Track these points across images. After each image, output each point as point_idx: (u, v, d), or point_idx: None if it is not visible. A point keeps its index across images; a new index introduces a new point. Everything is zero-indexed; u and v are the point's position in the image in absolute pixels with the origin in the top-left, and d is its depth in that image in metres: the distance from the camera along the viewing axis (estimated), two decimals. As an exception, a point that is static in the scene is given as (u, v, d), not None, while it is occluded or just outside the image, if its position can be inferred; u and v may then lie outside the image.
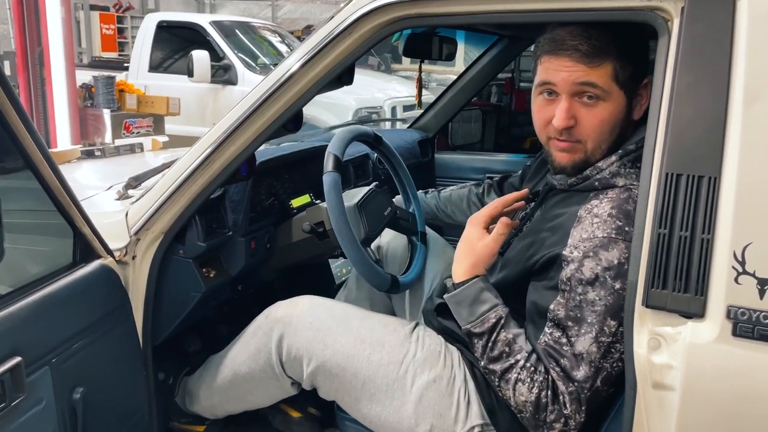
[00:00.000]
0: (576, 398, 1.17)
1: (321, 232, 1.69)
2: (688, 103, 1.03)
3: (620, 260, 1.14)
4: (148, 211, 1.45)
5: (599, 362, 1.15)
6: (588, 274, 1.15)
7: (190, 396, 1.69)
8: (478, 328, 1.25)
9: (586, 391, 1.16)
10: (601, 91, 1.20)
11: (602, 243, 1.15)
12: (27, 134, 1.09)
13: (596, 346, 1.15)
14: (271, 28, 7.94)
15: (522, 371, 1.20)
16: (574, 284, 1.16)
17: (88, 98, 4.84)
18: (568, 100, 1.22)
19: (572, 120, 1.23)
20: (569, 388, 1.17)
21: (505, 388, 1.23)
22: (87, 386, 1.25)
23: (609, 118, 1.23)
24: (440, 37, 2.11)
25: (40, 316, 1.15)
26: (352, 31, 1.30)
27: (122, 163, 2.48)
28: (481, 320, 1.25)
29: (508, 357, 1.22)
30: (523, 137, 5.95)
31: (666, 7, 1.07)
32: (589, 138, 1.24)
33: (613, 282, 1.14)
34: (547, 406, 1.18)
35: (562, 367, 1.18)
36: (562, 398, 1.17)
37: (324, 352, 1.40)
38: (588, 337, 1.15)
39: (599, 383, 1.16)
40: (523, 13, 1.18)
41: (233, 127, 1.38)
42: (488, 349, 1.24)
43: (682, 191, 1.02)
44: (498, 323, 1.24)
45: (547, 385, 1.19)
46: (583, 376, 1.16)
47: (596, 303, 1.15)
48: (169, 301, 1.55)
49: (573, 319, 1.17)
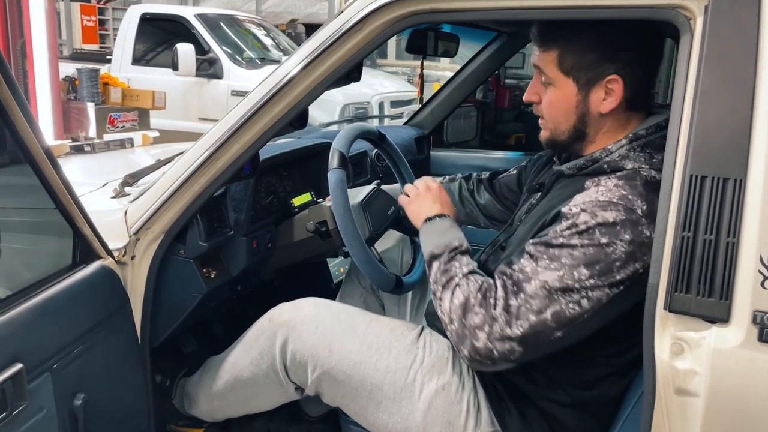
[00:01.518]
0: (515, 312, 1.14)
1: (324, 232, 1.65)
2: (712, 103, 1.00)
3: (615, 221, 1.13)
4: (149, 210, 1.40)
5: (555, 294, 1.13)
6: (580, 225, 1.14)
7: (188, 399, 1.65)
8: (440, 249, 1.31)
9: (529, 308, 1.13)
10: (545, 77, 1.27)
11: (602, 204, 1.15)
12: (29, 129, 1.04)
13: (558, 282, 1.13)
14: (256, 22, 7.86)
15: (462, 279, 1.24)
16: (562, 231, 1.16)
17: (71, 91, 4.74)
18: (536, 78, 1.31)
19: (536, 96, 1.31)
20: (510, 300, 1.15)
21: (444, 297, 1.24)
22: (88, 392, 1.20)
23: (557, 103, 1.28)
24: (443, 33, 2.08)
25: (40, 321, 1.10)
26: (363, 26, 1.26)
27: (113, 159, 2.42)
28: (446, 244, 1.31)
29: (456, 268, 1.26)
30: (507, 134, 5.95)
31: (689, 6, 1.05)
32: (546, 118, 1.31)
33: (600, 237, 1.13)
34: (474, 307, 1.18)
35: (514, 280, 1.17)
36: (497, 303, 1.16)
37: (330, 359, 1.37)
38: (555, 273, 1.13)
39: (549, 316, 1.13)
40: (541, 9, 1.15)
41: (239, 124, 1.33)
42: (442, 267, 1.28)
43: (706, 193, 1.00)
44: (459, 248, 1.31)
45: (480, 289, 1.20)
46: (533, 291, 1.14)
47: (577, 248, 1.13)
48: (169, 303, 1.51)
49: (548, 254, 1.15)
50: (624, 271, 1.12)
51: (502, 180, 1.77)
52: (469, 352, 1.18)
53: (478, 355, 1.17)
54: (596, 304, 1.13)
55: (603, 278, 1.12)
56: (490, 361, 1.18)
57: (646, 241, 1.12)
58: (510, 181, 1.75)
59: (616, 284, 1.12)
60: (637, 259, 1.12)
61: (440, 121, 2.73)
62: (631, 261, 1.12)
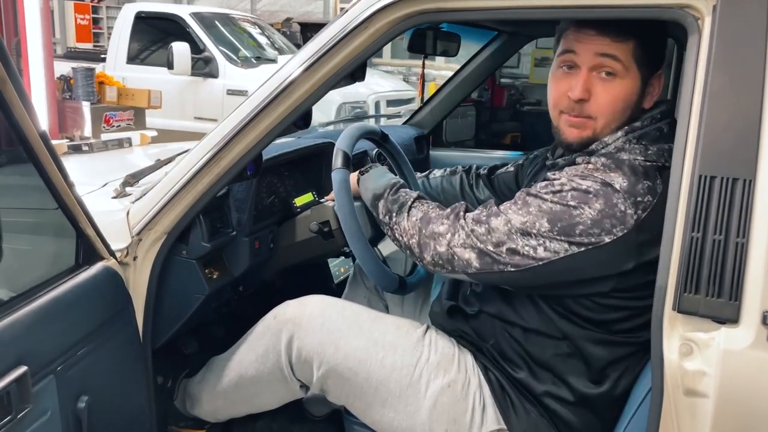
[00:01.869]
0: (477, 236, 1.23)
1: (327, 232, 1.64)
2: (721, 103, 1.00)
3: (588, 189, 1.16)
4: (152, 210, 1.39)
5: (515, 234, 1.19)
6: (555, 185, 1.20)
7: (191, 399, 1.64)
8: (381, 189, 1.44)
9: (488, 238, 1.22)
10: (620, 67, 1.21)
11: (582, 175, 1.19)
12: (32, 128, 1.03)
13: (520, 224, 1.19)
14: (251, 20, 7.82)
15: (416, 201, 1.38)
16: (540, 187, 1.22)
17: (66, 90, 4.70)
18: (586, 73, 1.23)
19: (587, 93, 1.23)
20: (477, 227, 1.24)
21: (400, 221, 1.36)
22: (91, 394, 1.20)
23: (623, 96, 1.23)
24: (444, 33, 2.07)
25: (44, 323, 1.09)
26: (368, 25, 1.26)
27: (111, 159, 2.40)
28: (384, 184, 1.44)
29: (407, 196, 1.39)
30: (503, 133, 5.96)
31: (697, 5, 1.05)
32: (601, 114, 1.24)
33: (570, 200, 1.17)
34: (438, 219, 1.30)
35: (487, 214, 1.25)
36: (466, 219, 1.26)
37: (336, 355, 1.36)
38: (520, 217, 1.20)
39: (503, 250, 1.20)
40: (550, 9, 1.14)
41: (243, 124, 1.32)
42: (389, 199, 1.41)
43: (715, 194, 1.00)
44: (398, 183, 1.45)
45: (438, 206, 1.34)
46: (495, 225, 1.22)
47: (546, 202, 1.18)
48: (171, 304, 1.50)
49: (522, 200, 1.22)
50: (587, 235, 1.15)
51: (501, 177, 1.78)
52: (432, 256, 1.28)
53: (440, 259, 1.27)
54: (553, 256, 1.17)
55: (562, 236, 1.16)
56: (450, 266, 1.27)
57: (619, 215, 1.14)
58: (508, 178, 1.75)
59: (576, 244, 1.15)
60: (603, 228, 1.14)
61: (440, 121, 2.72)
62: (595, 228, 1.14)
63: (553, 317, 1.27)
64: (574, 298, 1.24)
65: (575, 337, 1.26)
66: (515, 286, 1.28)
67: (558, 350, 1.28)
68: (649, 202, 1.15)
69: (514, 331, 1.33)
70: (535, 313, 1.29)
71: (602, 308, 1.23)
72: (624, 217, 1.14)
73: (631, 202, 1.14)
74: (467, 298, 1.44)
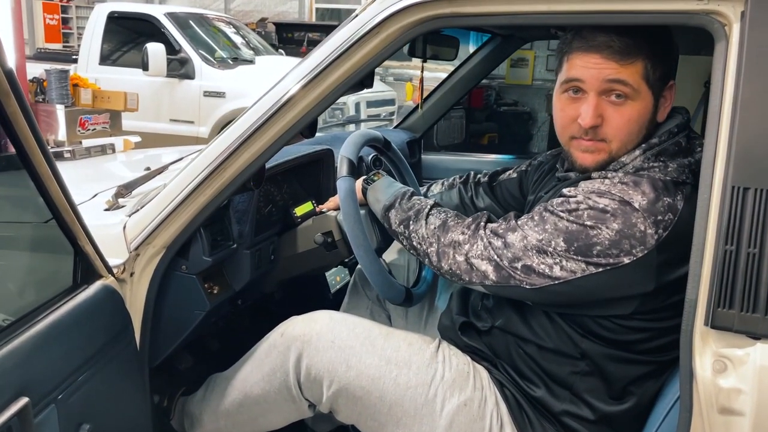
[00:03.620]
0: (495, 251, 1.21)
1: (330, 243, 1.59)
2: (754, 112, 0.98)
3: (605, 208, 1.13)
4: (151, 224, 1.33)
5: (531, 251, 1.17)
6: (572, 203, 1.17)
7: (190, 419, 1.56)
8: (390, 200, 1.42)
9: (504, 254, 1.20)
10: (630, 90, 1.17)
11: (599, 192, 1.16)
12: (33, 139, 0.96)
13: (536, 241, 1.17)
14: (225, 20, 7.70)
15: (433, 209, 1.36)
16: (557, 204, 1.19)
17: (39, 93, 4.55)
18: (596, 98, 1.18)
19: (599, 119, 1.19)
20: (493, 240, 1.22)
21: (417, 229, 1.34)
22: (92, 422, 1.12)
23: (636, 117, 1.19)
24: (443, 37, 2.03)
25: (44, 349, 1.02)
26: (380, 31, 1.21)
27: (96, 166, 2.31)
28: (394, 193, 1.43)
29: (421, 203, 1.39)
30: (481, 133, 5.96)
31: (724, 11, 1.02)
32: (615, 138, 1.20)
33: (587, 219, 1.13)
34: (456, 226, 1.28)
35: (504, 227, 1.23)
36: (486, 230, 1.24)
37: (347, 374, 1.31)
38: (534, 233, 1.18)
39: (519, 266, 1.18)
40: (569, 14, 1.11)
41: (249, 132, 1.27)
42: (403, 207, 1.39)
43: (749, 206, 0.97)
44: (408, 191, 1.43)
45: (457, 214, 1.33)
46: (512, 240, 1.19)
47: (562, 221, 1.16)
48: (170, 321, 1.43)
49: (539, 216, 1.19)
50: (604, 256, 1.12)
51: (503, 184, 1.71)
52: (450, 265, 1.27)
53: (458, 269, 1.25)
54: (569, 276, 1.14)
55: (579, 255, 1.13)
56: (468, 277, 1.25)
57: (639, 235, 1.10)
58: (511, 185, 1.69)
59: (593, 264, 1.12)
60: (622, 249, 1.11)
61: (432, 125, 2.68)
62: (614, 248, 1.11)
63: (571, 335, 1.23)
64: (593, 318, 1.21)
65: (595, 355, 1.23)
66: (532, 302, 1.25)
67: (576, 368, 1.25)
68: (670, 221, 1.11)
69: (529, 347, 1.29)
70: (552, 331, 1.26)
71: (624, 329, 1.19)
72: (644, 237, 1.10)
73: (651, 221, 1.10)
74: (478, 312, 1.40)
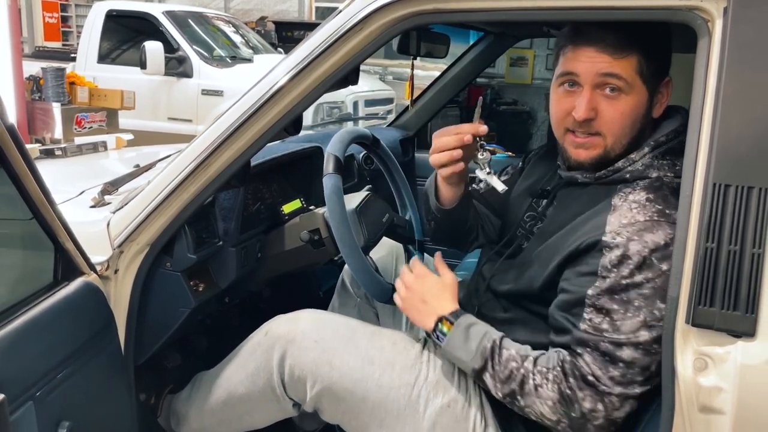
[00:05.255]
0: (621, 381, 1.10)
1: (317, 240, 1.58)
2: (736, 110, 0.97)
3: (666, 241, 1.09)
4: (135, 221, 1.32)
5: (650, 346, 1.08)
6: (635, 258, 1.10)
7: (176, 417, 1.56)
8: (479, 362, 1.20)
9: (634, 374, 1.10)
10: (624, 84, 1.17)
11: (645, 226, 1.12)
12: (7, 136, 0.96)
13: (646, 330, 1.09)
14: (225, 19, 7.70)
15: (536, 375, 1.16)
16: (620, 269, 1.11)
17: (35, 91, 4.56)
18: (590, 92, 1.18)
19: (593, 112, 1.18)
20: (611, 372, 1.10)
21: (531, 404, 1.17)
22: (73, 419, 1.12)
23: (630, 112, 1.19)
24: (433, 34, 2.02)
25: (21, 346, 1.02)
26: (363, 27, 1.20)
27: (87, 163, 2.30)
28: (480, 353, 1.21)
29: (519, 369, 1.17)
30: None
31: (706, 7, 1.01)
32: (609, 131, 1.20)
33: (659, 264, 1.09)
34: (576, 393, 1.12)
35: (603, 351, 1.11)
36: (599, 379, 1.11)
37: (330, 374, 1.30)
38: (636, 320, 1.09)
39: (653, 369, 1.09)
40: (554, 10, 1.10)
41: (232, 129, 1.26)
42: (498, 376, 1.19)
43: (730, 203, 0.96)
44: (494, 347, 1.20)
45: (566, 373, 1.13)
46: (630, 356, 1.09)
47: (644, 285, 1.10)
48: (155, 318, 1.43)
49: (618, 302, 1.11)
50: None
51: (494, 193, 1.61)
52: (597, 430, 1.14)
53: (606, 429, 1.14)
54: None
55: None
56: (615, 426, 1.14)
57: None
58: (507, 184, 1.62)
59: None
60: None
61: (425, 123, 2.68)
62: None
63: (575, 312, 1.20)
64: None
65: None
66: None
67: None
68: None
69: None
70: (544, 338, 1.23)
71: None
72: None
73: None
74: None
